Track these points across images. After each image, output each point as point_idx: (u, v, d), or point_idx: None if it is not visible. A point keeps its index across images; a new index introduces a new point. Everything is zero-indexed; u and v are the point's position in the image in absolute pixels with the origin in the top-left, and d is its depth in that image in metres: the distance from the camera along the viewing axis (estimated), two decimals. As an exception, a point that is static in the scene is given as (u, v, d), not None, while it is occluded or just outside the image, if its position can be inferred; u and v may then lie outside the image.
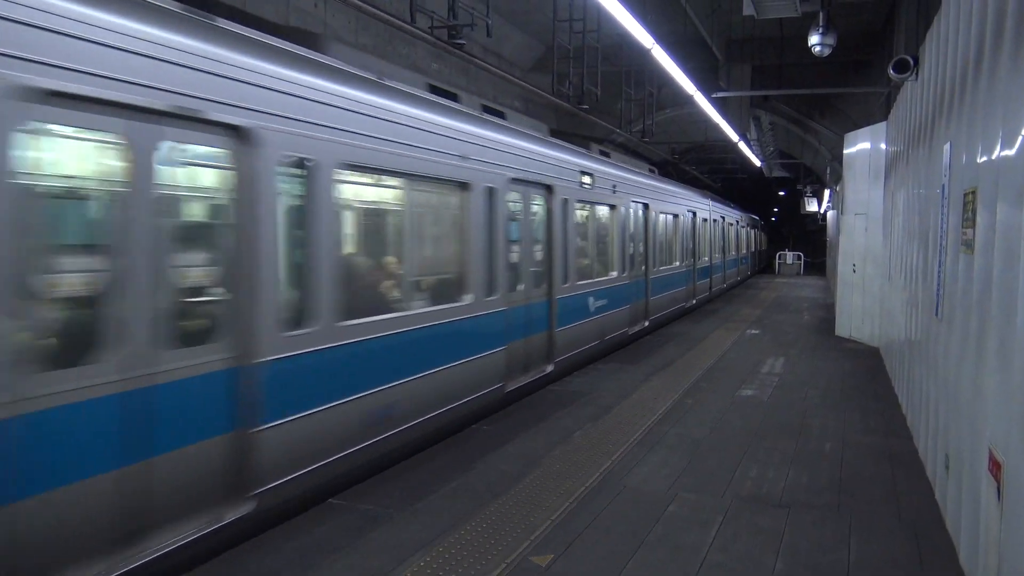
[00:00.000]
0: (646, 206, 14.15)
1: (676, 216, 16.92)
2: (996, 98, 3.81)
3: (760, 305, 20.30)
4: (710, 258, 21.47)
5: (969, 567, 4.09)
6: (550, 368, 9.17)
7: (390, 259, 6.48)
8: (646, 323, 14.02)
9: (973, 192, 4.30)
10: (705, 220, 20.60)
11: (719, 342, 13.00)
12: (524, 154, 8.52)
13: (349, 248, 6.00)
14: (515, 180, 8.20)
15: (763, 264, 43.71)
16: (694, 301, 18.77)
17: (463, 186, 7.15)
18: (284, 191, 4.85)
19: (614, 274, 12.09)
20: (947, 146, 5.38)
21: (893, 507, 5.26)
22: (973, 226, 4.25)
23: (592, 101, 14.50)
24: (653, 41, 10.53)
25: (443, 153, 6.71)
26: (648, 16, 11.72)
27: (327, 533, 4.66)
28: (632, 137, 19.28)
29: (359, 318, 5.57)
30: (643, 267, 14.12)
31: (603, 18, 12.70)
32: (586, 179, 10.60)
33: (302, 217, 5.07)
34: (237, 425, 4.47)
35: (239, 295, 4.48)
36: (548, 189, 9.23)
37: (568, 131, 12.92)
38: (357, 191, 6.03)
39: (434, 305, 6.67)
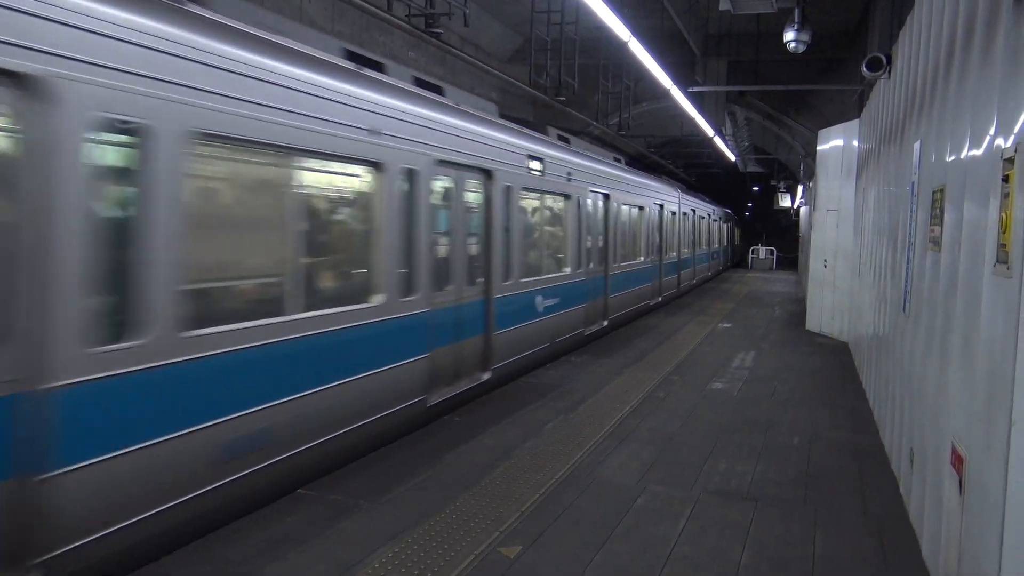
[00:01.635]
0: (607, 196, 13.19)
1: (642, 208, 15.92)
2: (965, 98, 3.85)
3: (733, 300, 20.47)
4: (678, 253, 20.65)
5: (931, 561, 4.15)
6: (486, 376, 8.12)
7: (267, 252, 5.32)
8: (604, 323, 13.13)
9: (941, 190, 4.35)
10: (674, 213, 19.81)
11: (691, 336, 13.09)
12: (456, 133, 7.42)
13: (206, 239, 4.69)
14: (444, 163, 7.15)
15: (736, 259, 44.06)
16: (660, 299, 17.91)
17: (374, 166, 6.05)
18: (99, 162, 3.81)
19: (567, 270, 11.12)
20: (917, 144, 5.44)
21: (859, 501, 5.33)
22: (941, 224, 4.30)
23: (569, 93, 14.51)
24: (630, 34, 10.54)
25: (345, 126, 5.61)
26: (625, 10, 11.72)
27: (295, 524, 4.63)
28: (608, 130, 19.30)
29: (215, 326, 4.48)
30: (603, 262, 13.31)
31: (581, 10, 12.69)
32: (535, 165, 9.62)
33: (126, 197, 4.04)
34: (15, 471, 3.41)
35: (24, 301, 3.44)
36: (487, 174, 8.19)
37: (549, 122, 12.88)
38: (216, 165, 4.84)
39: (329, 308, 5.54)
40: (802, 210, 28.67)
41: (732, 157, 29.30)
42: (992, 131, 3.17)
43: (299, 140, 5.14)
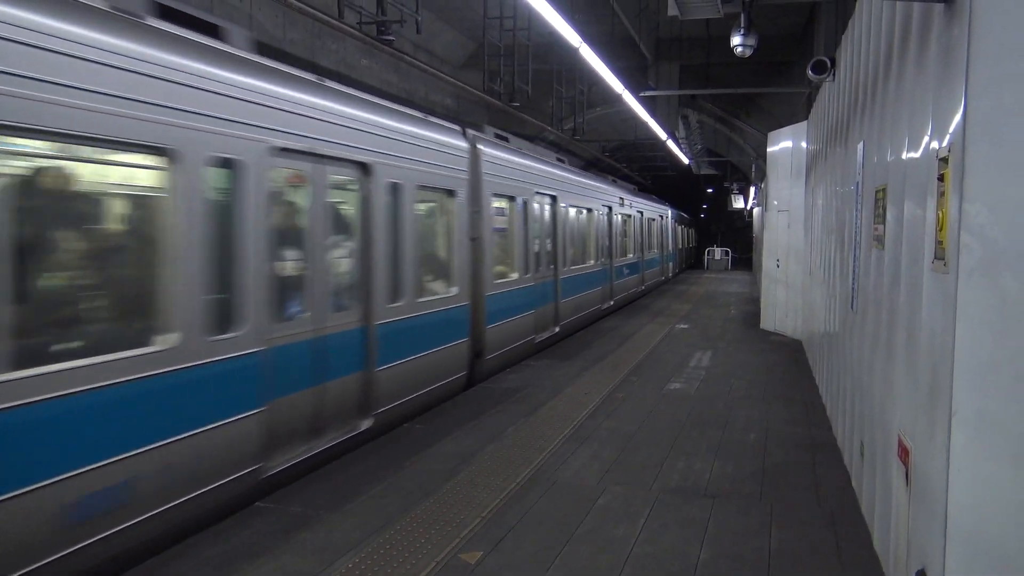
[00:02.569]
0: (554, 199, 12.64)
1: (591, 211, 15.64)
2: (903, 100, 3.97)
3: (689, 301, 20.72)
4: (632, 255, 20.60)
5: (882, 551, 4.26)
6: (366, 424, 6.55)
7: None
8: (556, 329, 12.70)
9: (883, 190, 4.48)
10: (627, 216, 19.75)
11: (649, 337, 13.22)
12: (306, 113, 5.77)
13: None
14: (286, 151, 5.53)
15: (692, 260, 44.60)
16: (612, 302, 17.54)
17: (158, 153, 4.43)
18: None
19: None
20: (860, 145, 5.59)
21: (813, 495, 5.45)
22: (883, 222, 4.43)
23: (523, 99, 14.58)
24: (580, 40, 10.63)
25: (100, 95, 4.01)
26: (576, 15, 11.83)
27: (253, 536, 4.57)
28: (563, 135, 19.42)
29: None
30: (552, 266, 12.86)
31: (533, 17, 12.77)
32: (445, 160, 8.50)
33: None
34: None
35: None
36: (364, 169, 6.63)
37: (504, 127, 12.89)
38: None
39: (81, 358, 3.93)
40: (755, 211, 29.13)
41: (686, 160, 29.67)
42: (928, 132, 3.28)
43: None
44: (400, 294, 7.15)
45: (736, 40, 8.84)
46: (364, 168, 6.63)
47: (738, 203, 38.54)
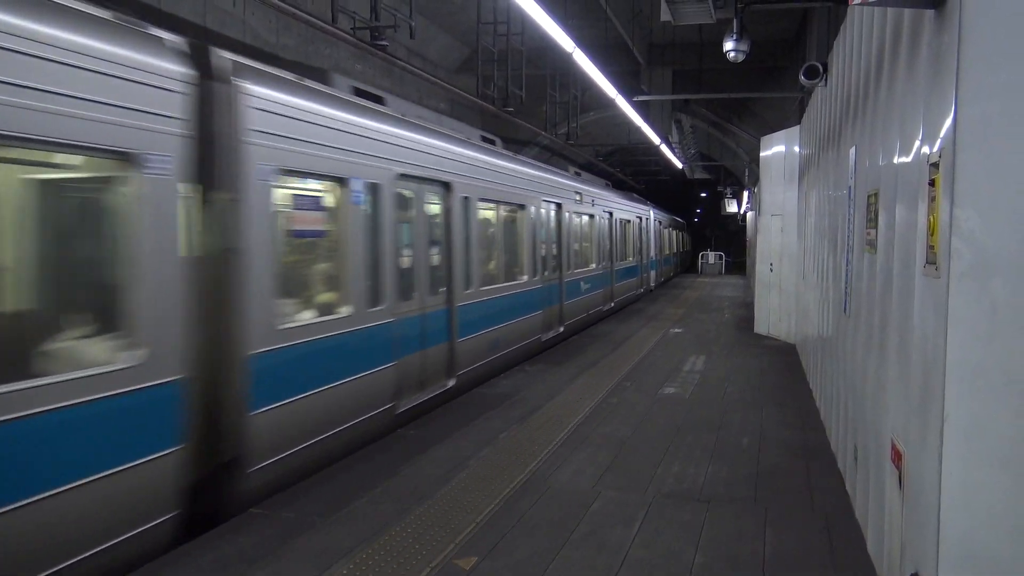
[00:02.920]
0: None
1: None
2: (894, 106, 4.00)
3: (683, 304, 20.75)
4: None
5: (876, 555, 4.27)
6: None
7: None
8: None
9: (875, 194, 4.50)
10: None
11: (644, 341, 13.24)
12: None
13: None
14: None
15: (687, 264, 44.69)
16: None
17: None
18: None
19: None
20: (853, 150, 5.61)
21: (807, 499, 5.46)
22: (875, 227, 4.45)
23: (517, 104, 14.59)
24: (574, 45, 10.66)
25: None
26: (570, 20, 11.86)
27: (247, 543, 4.56)
28: (557, 139, 19.46)
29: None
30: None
31: (526, 22, 12.79)
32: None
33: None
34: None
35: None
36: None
37: (497, 132, 12.91)
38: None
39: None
40: (748, 215, 29.21)
41: (679, 164, 29.74)
42: (919, 137, 3.30)
43: None
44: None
45: (729, 45, 8.89)
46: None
47: (731, 207, 38.62)
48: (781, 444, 6.82)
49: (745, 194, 31.23)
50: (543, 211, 12.39)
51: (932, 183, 2.99)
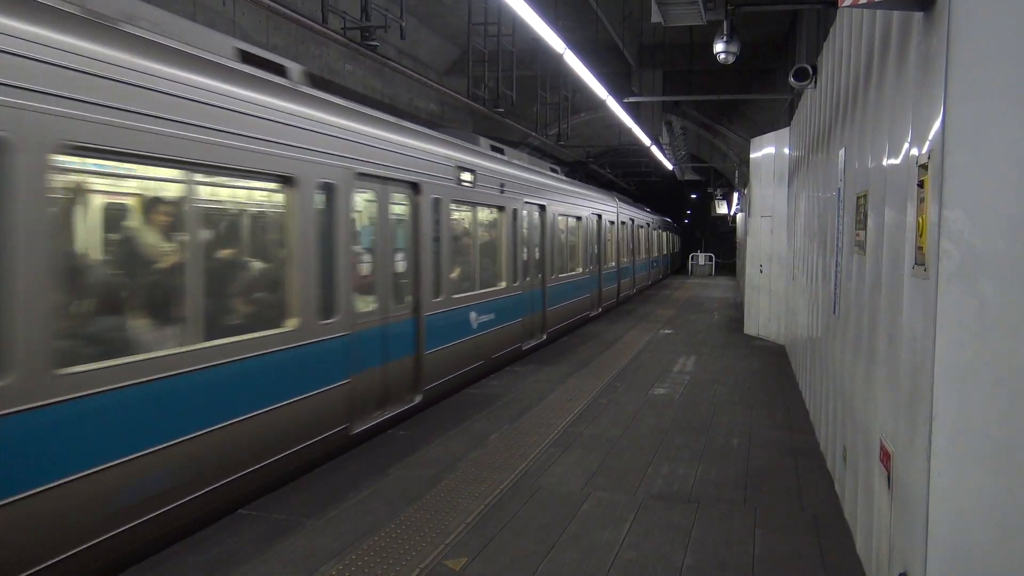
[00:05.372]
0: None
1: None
2: (883, 109, 4.01)
3: (674, 306, 20.79)
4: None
5: (864, 555, 4.28)
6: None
7: None
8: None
9: (864, 196, 4.52)
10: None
11: (634, 342, 13.25)
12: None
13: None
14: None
15: (677, 266, 44.78)
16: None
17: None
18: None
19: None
20: (842, 151, 5.63)
21: (796, 500, 5.47)
22: (865, 228, 4.46)
23: (508, 104, 14.59)
24: (564, 46, 10.66)
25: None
26: (561, 21, 11.87)
27: (235, 544, 4.53)
28: (548, 140, 19.47)
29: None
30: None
31: (517, 23, 12.80)
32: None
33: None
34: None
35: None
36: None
37: (487, 133, 12.87)
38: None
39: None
40: (738, 216, 29.29)
41: (669, 166, 29.78)
42: (908, 139, 3.31)
43: None
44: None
45: (719, 47, 8.92)
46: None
47: (722, 209, 38.72)
48: (770, 445, 6.83)
49: (735, 195, 31.32)
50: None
51: (921, 184, 3.00)
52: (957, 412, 2.75)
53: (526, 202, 11.70)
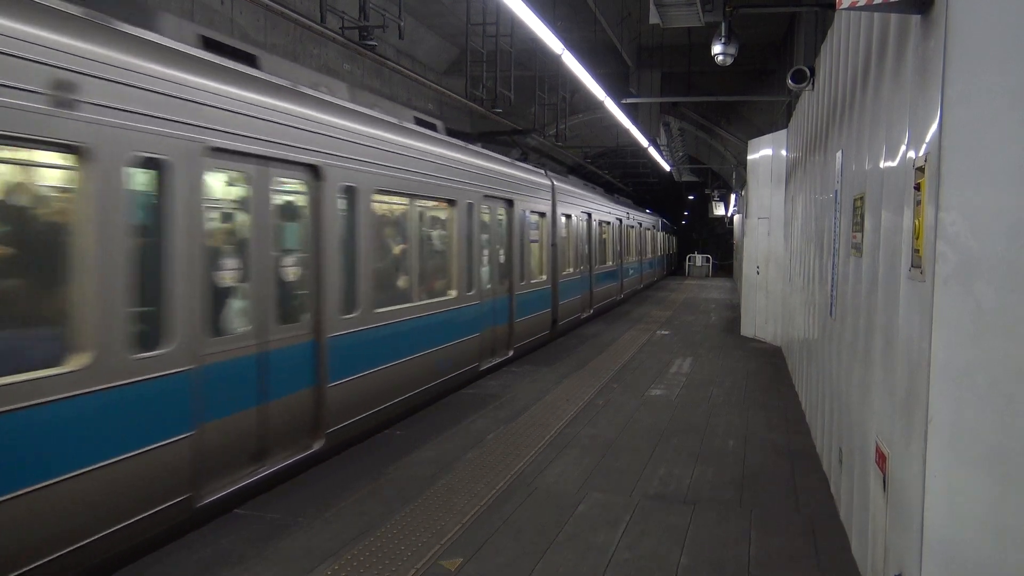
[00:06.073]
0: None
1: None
2: (880, 111, 4.02)
3: (670, 307, 20.80)
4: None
5: (860, 557, 4.29)
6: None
7: None
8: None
9: (861, 198, 4.52)
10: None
11: (631, 343, 13.25)
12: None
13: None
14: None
15: (674, 267, 44.81)
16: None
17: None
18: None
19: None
20: (839, 154, 5.64)
21: (792, 501, 5.47)
22: (861, 230, 4.47)
23: (506, 105, 14.59)
24: (563, 47, 10.66)
25: None
26: (559, 22, 11.87)
27: (232, 544, 4.53)
28: (546, 141, 19.47)
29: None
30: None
31: (516, 23, 12.80)
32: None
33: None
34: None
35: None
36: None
37: (484, 133, 12.86)
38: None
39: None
40: (736, 218, 29.32)
41: (667, 167, 29.81)
42: (905, 142, 3.32)
43: None
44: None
45: (717, 48, 8.93)
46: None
47: (719, 210, 38.80)
48: (766, 446, 6.84)
49: (733, 197, 31.35)
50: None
51: (918, 187, 3.01)
52: (953, 414, 2.75)
53: (486, 196, 10.03)
